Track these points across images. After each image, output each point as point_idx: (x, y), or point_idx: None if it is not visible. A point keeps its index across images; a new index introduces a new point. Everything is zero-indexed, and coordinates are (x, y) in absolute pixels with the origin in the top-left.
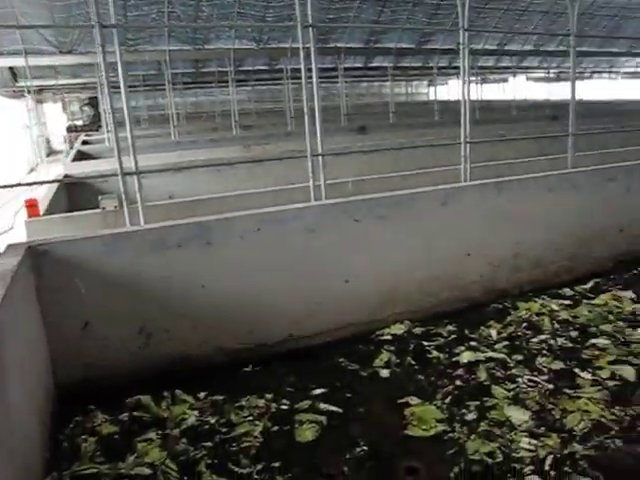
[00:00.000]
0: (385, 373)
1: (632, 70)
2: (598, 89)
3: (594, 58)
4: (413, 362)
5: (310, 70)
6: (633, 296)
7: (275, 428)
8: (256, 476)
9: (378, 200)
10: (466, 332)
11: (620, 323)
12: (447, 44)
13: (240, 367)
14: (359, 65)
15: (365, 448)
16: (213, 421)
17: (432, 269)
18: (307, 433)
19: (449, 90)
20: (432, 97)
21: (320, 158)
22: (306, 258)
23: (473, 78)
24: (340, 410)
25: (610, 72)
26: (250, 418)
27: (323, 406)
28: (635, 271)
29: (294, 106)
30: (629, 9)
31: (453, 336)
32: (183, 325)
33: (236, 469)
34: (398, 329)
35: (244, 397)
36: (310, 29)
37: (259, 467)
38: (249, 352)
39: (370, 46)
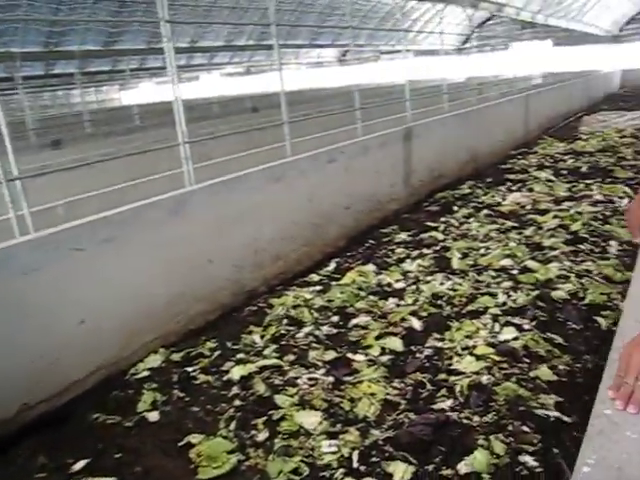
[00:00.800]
0: (154, 416)
1: (315, 60)
2: (289, 79)
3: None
4: (182, 394)
5: None
6: (374, 268)
7: None
8: None
9: (100, 221)
10: (229, 345)
11: (372, 297)
12: (137, 44)
13: None
14: (40, 73)
15: None
16: None
17: (174, 285)
18: None
19: (142, 92)
20: (125, 102)
21: (18, 182)
22: (26, 308)
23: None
24: None
25: (297, 62)
26: None
27: None
28: (366, 244)
29: None
30: (306, 5)
31: (217, 353)
32: None
33: None
34: (154, 360)
35: None
36: None
37: None
38: None
39: (50, 49)
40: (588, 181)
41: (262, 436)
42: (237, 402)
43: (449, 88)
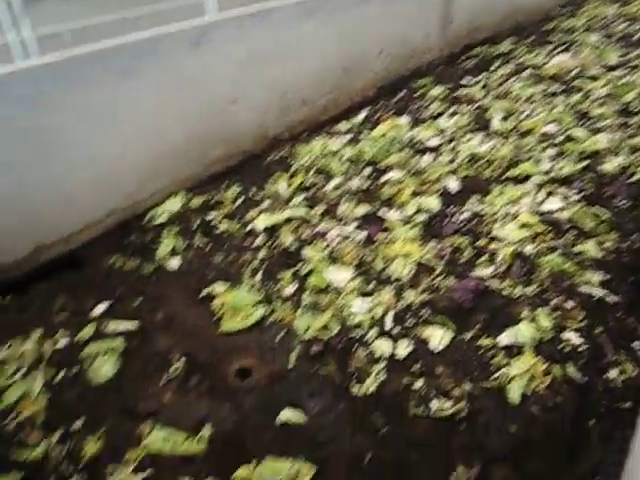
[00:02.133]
0: (174, 264)
1: None
2: None
3: None
4: (203, 242)
5: None
6: (407, 121)
7: (59, 377)
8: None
9: (112, 51)
10: (252, 193)
11: (405, 152)
12: None
13: None
14: None
15: (182, 363)
16: None
17: (194, 126)
18: (104, 369)
19: None
20: None
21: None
22: (35, 143)
23: None
24: (135, 325)
25: None
26: (18, 375)
27: (112, 326)
28: (398, 95)
29: None
30: None
31: (240, 200)
32: None
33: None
34: (173, 205)
35: (2, 345)
36: None
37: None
38: None
39: None
40: None
41: (289, 290)
42: (262, 253)
43: None
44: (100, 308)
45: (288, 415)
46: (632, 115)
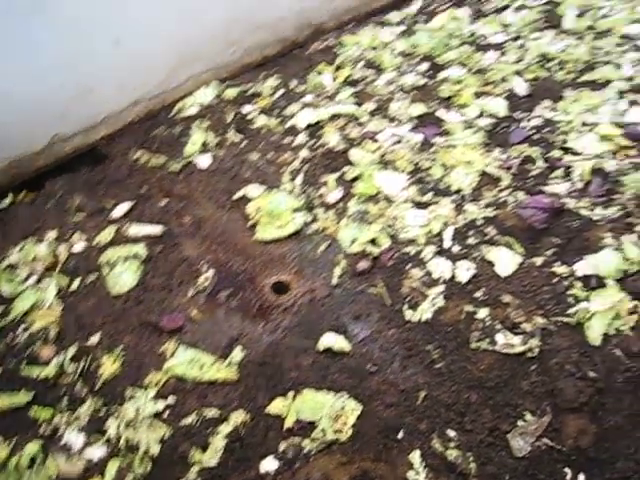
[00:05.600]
0: (205, 161)
1: None
2: None
3: None
4: (237, 138)
5: None
6: (469, 12)
7: (74, 285)
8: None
9: None
10: (293, 85)
11: (466, 47)
12: None
13: None
14: None
15: (211, 274)
16: None
17: (228, 8)
18: (124, 277)
19: None
20: None
21: None
22: (50, 20)
23: None
24: (160, 229)
25: None
26: (30, 281)
27: (135, 230)
28: None
29: None
30: None
31: (279, 93)
32: None
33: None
34: (205, 96)
35: (14, 247)
36: None
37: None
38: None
39: None
40: None
41: (333, 196)
42: (304, 153)
43: None
44: (121, 209)
45: (330, 340)
46: None
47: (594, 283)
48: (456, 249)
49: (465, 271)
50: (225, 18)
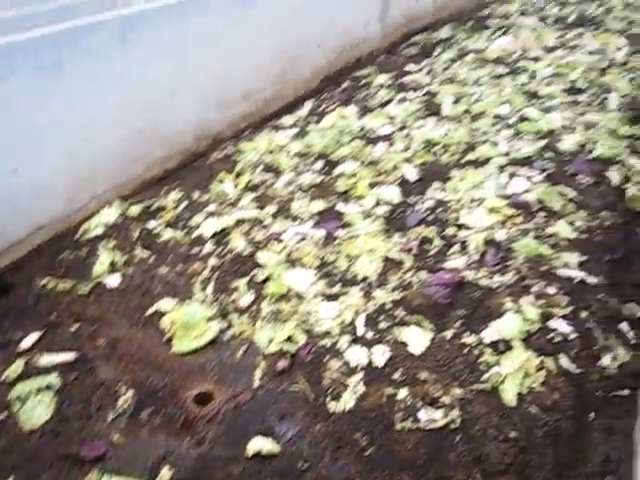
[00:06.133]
0: (114, 280)
1: None
2: None
3: None
4: (145, 254)
5: None
6: (356, 110)
7: None
8: None
9: (36, 44)
10: (196, 196)
11: (357, 142)
12: None
13: None
14: None
15: (131, 394)
16: None
17: (127, 126)
18: (38, 411)
19: None
20: None
21: None
22: None
23: None
24: (73, 356)
25: None
26: None
27: (46, 359)
28: (343, 85)
29: None
30: None
31: (183, 205)
32: None
33: None
34: (109, 215)
35: None
36: None
37: None
38: None
39: None
40: (578, 30)
41: (246, 300)
42: (212, 261)
43: None
44: (30, 339)
45: (258, 444)
46: (580, 93)
47: (502, 347)
48: (370, 335)
49: (381, 355)
50: (124, 136)
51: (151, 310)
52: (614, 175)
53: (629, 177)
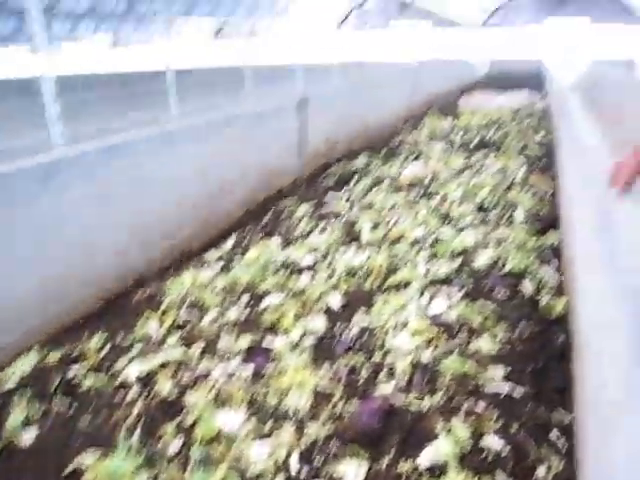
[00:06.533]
0: (29, 437)
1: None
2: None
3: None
4: (65, 404)
5: None
6: (279, 242)
7: None
8: None
9: None
10: (120, 338)
11: (282, 273)
12: None
13: None
14: None
15: None
16: None
17: (47, 270)
18: None
19: None
20: None
21: None
22: None
23: None
24: None
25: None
26: None
27: None
28: (265, 218)
29: None
30: None
31: (106, 349)
32: None
33: None
34: (25, 364)
35: None
36: None
37: None
38: None
39: None
40: (481, 153)
41: (174, 446)
42: (138, 407)
43: (336, 64)
44: None
45: None
46: (489, 211)
47: (438, 471)
48: (305, 473)
49: None
50: (44, 278)
51: (71, 467)
52: (527, 286)
53: (541, 287)
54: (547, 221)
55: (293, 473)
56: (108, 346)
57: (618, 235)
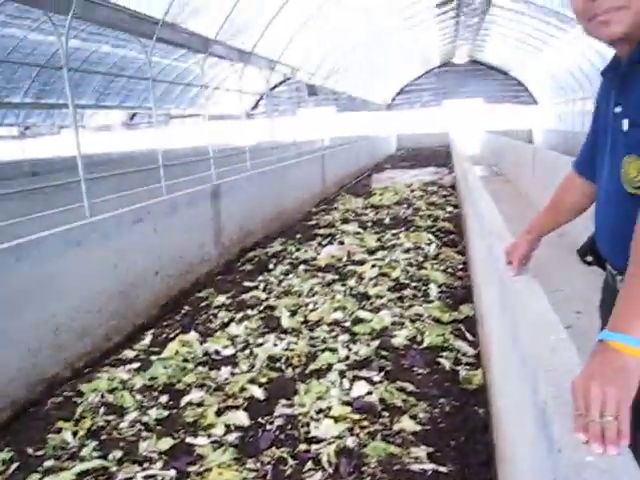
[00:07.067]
0: None
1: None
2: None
3: (63, 111)
4: None
5: None
6: (197, 336)
7: None
8: None
9: None
10: (31, 451)
11: (201, 368)
12: None
13: None
14: None
15: None
16: None
17: None
18: None
19: None
20: None
21: None
22: None
23: None
24: None
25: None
26: None
27: None
28: (183, 311)
29: None
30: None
31: (14, 465)
32: None
33: None
34: None
35: None
36: None
37: None
38: None
39: None
40: (394, 231)
41: None
42: None
43: (248, 149)
44: None
45: None
46: (404, 288)
47: None
48: None
49: None
50: None
51: None
52: (445, 361)
53: (459, 360)
54: (459, 295)
55: None
56: (16, 463)
57: (514, 313)
